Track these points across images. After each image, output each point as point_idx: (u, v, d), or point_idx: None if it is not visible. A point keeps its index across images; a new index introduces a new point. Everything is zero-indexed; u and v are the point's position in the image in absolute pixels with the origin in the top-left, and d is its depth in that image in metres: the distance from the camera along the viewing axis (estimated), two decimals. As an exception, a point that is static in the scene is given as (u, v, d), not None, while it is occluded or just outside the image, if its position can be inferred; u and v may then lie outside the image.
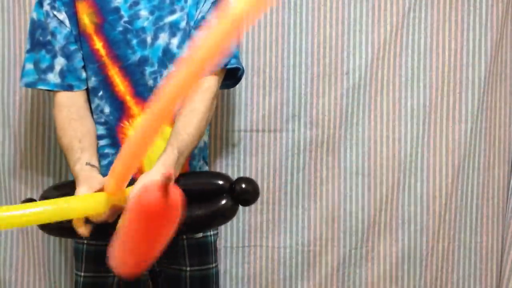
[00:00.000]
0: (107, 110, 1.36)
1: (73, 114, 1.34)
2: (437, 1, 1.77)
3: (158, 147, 1.24)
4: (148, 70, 1.35)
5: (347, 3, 1.75)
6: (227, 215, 1.30)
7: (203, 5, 1.38)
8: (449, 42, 1.78)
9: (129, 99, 1.36)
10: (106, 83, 1.36)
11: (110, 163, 1.34)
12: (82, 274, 1.43)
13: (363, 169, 1.79)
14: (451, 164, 1.80)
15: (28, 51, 1.39)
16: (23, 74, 1.39)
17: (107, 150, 1.38)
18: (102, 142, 1.38)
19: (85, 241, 1.43)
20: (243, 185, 1.28)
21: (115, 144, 1.37)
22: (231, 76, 1.45)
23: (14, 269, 1.81)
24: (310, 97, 1.77)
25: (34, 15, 1.38)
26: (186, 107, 1.32)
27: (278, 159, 1.78)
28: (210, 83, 1.34)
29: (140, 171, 1.27)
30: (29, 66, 1.38)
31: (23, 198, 1.77)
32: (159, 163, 1.21)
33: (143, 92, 1.34)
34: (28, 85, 1.39)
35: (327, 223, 1.80)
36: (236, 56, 1.42)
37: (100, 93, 1.36)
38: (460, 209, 1.83)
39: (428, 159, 1.80)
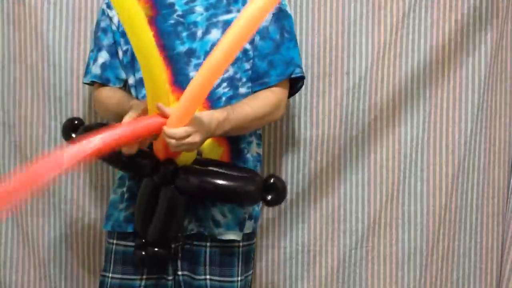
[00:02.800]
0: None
1: (115, 88, 1.46)
2: (437, 1, 1.77)
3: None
4: (193, 62, 1.39)
5: (347, 3, 1.75)
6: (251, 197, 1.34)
7: None
8: (449, 42, 1.78)
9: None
10: None
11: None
12: (110, 275, 1.43)
13: (363, 169, 1.79)
14: (451, 164, 1.80)
15: (92, 50, 1.50)
16: (87, 71, 1.50)
17: None
18: None
19: (115, 241, 1.43)
20: (277, 182, 1.33)
21: None
22: (291, 86, 1.49)
23: (14, 269, 1.81)
24: (310, 97, 1.77)
25: (98, 16, 1.51)
26: (250, 95, 1.42)
27: (278, 159, 1.78)
28: (276, 89, 1.43)
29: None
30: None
31: (23, 201, 1.77)
32: (208, 112, 1.29)
33: (182, 82, 1.35)
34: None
35: (327, 223, 1.80)
36: (300, 66, 1.48)
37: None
38: (460, 209, 1.83)
39: (428, 159, 1.80)
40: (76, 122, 1.37)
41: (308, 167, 1.78)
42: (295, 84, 1.51)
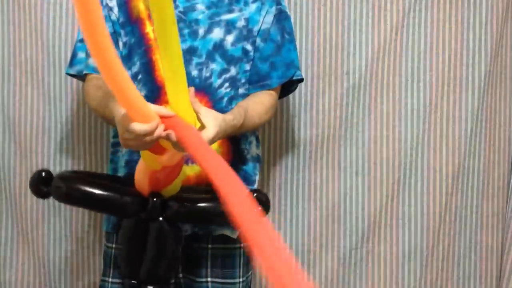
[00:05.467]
0: (143, 93, 1.36)
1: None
2: (437, 1, 1.77)
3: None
4: (195, 60, 1.36)
5: (347, 3, 1.75)
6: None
7: (266, 15, 1.41)
8: (449, 42, 1.78)
9: None
10: (148, 67, 1.37)
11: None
12: (110, 280, 1.41)
13: (363, 169, 1.79)
14: (451, 164, 1.80)
15: (80, 41, 1.44)
16: (74, 62, 1.45)
17: None
18: None
19: (114, 245, 1.42)
20: (261, 196, 1.35)
21: None
22: (285, 86, 1.48)
23: (14, 269, 1.81)
24: (310, 97, 1.77)
25: None
26: (254, 98, 1.39)
27: (278, 159, 1.78)
28: (274, 92, 1.43)
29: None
30: (82, 54, 1.44)
31: (23, 199, 1.77)
32: (222, 117, 1.20)
33: None
34: (79, 72, 1.44)
35: (327, 223, 1.80)
36: (299, 68, 1.48)
37: (140, 76, 1.37)
38: (460, 209, 1.83)
39: (428, 159, 1.80)
40: (44, 174, 1.25)
41: (308, 167, 1.78)
42: (290, 86, 1.50)
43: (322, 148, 1.78)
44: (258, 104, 1.38)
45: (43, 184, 1.25)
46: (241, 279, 1.43)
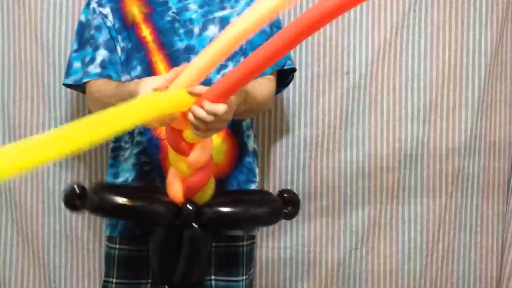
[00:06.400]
0: None
1: (110, 80, 1.39)
2: (437, 1, 1.77)
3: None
4: (193, 58, 1.36)
5: (347, 3, 1.75)
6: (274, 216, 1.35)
7: None
8: (449, 42, 1.78)
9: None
10: (149, 69, 1.37)
11: (142, 151, 1.37)
12: (114, 280, 1.41)
13: (363, 169, 1.79)
14: (451, 164, 1.80)
15: (75, 51, 1.45)
16: (70, 72, 1.45)
17: (138, 138, 1.39)
18: (135, 129, 1.39)
19: (117, 246, 1.41)
20: (293, 195, 1.37)
21: (147, 131, 1.38)
22: (280, 80, 1.50)
23: (14, 269, 1.81)
24: (310, 96, 1.77)
25: (82, 17, 1.46)
26: (255, 80, 1.38)
27: (278, 159, 1.78)
28: (270, 76, 1.43)
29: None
30: (77, 64, 1.44)
31: (23, 201, 1.77)
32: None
33: None
34: (76, 81, 1.44)
35: (327, 223, 1.80)
36: (291, 58, 1.49)
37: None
38: (460, 209, 1.83)
39: (428, 159, 1.80)
40: (78, 189, 1.29)
41: (308, 167, 1.78)
42: (286, 77, 1.52)
43: (322, 148, 1.78)
44: (256, 84, 1.37)
45: (77, 198, 1.28)
46: (244, 277, 1.44)
